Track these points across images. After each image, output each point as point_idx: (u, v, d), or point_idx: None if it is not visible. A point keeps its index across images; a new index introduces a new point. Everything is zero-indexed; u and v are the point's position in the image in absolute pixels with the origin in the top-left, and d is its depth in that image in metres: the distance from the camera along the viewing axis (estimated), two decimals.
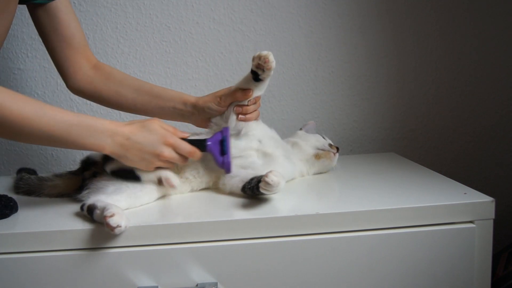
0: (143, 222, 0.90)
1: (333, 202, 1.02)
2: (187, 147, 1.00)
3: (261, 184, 0.94)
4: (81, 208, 0.94)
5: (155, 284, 0.89)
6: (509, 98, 1.53)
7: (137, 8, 1.42)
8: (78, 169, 1.09)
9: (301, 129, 1.25)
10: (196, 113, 1.12)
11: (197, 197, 1.05)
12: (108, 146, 0.94)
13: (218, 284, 0.90)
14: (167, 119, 1.14)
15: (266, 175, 0.93)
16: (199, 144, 1.02)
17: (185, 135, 1.02)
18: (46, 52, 1.39)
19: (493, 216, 0.94)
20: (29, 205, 1.02)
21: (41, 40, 1.26)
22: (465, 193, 0.98)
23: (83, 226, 0.90)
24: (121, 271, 0.89)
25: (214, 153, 1.02)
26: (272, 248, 0.90)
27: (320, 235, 0.91)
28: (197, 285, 0.90)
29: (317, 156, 1.15)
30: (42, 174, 1.14)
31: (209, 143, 1.03)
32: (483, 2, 1.48)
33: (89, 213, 0.91)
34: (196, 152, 1.01)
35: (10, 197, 0.98)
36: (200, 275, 0.90)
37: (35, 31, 1.17)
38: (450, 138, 1.53)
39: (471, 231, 0.93)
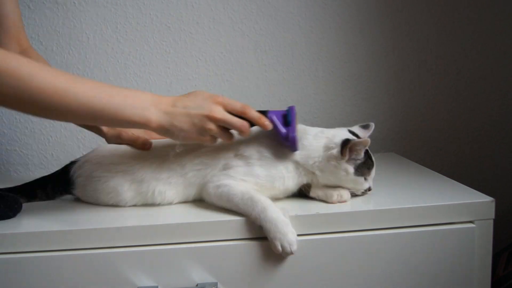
0: (144, 222, 0.90)
1: None
2: (237, 104, 0.91)
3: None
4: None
5: (155, 284, 0.89)
6: (509, 98, 1.53)
7: (137, 8, 1.42)
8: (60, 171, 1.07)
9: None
10: (112, 135, 1.07)
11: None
12: (154, 117, 0.86)
13: (218, 284, 0.90)
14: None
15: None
16: (260, 112, 0.94)
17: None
18: (46, 52, 1.40)
19: (493, 216, 0.94)
20: (30, 205, 1.02)
21: (40, 40, 1.27)
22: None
23: (83, 226, 0.90)
24: (121, 271, 0.89)
25: (276, 124, 0.94)
26: (271, 248, 0.90)
27: (320, 235, 0.91)
28: (197, 285, 0.90)
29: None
30: (41, 175, 1.14)
31: (270, 113, 0.95)
32: (482, 2, 1.48)
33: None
34: (249, 108, 0.92)
35: (16, 198, 0.98)
36: (200, 275, 0.90)
37: (36, 31, 1.17)
38: (450, 138, 1.53)
39: (471, 231, 0.93)
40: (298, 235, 0.90)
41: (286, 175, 0.96)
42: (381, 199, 0.98)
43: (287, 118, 0.95)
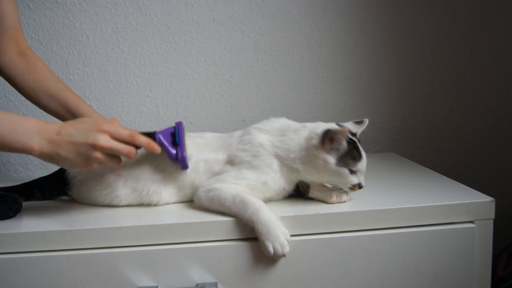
0: (143, 222, 0.90)
1: None
2: (124, 132, 0.89)
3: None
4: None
5: (155, 284, 0.89)
6: (509, 98, 1.53)
7: (137, 8, 1.42)
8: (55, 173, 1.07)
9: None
10: None
11: None
12: (36, 145, 0.84)
13: (218, 284, 0.90)
14: None
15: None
16: (147, 135, 0.93)
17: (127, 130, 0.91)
18: (46, 52, 1.40)
19: (493, 216, 0.94)
20: (30, 205, 1.02)
21: (40, 40, 1.27)
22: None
23: (83, 226, 0.90)
24: (121, 271, 0.89)
25: (165, 145, 0.94)
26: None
27: (320, 235, 0.91)
28: (197, 285, 0.90)
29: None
30: (41, 175, 1.14)
31: (158, 134, 0.94)
32: (483, 2, 1.48)
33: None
34: (136, 135, 0.90)
35: (16, 198, 0.98)
36: (200, 275, 0.90)
37: (36, 31, 1.17)
38: (450, 138, 1.53)
39: (471, 231, 0.93)
40: (298, 235, 0.90)
41: (273, 174, 0.96)
42: (381, 199, 0.98)
43: (175, 137, 0.94)
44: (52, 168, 1.45)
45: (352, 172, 0.94)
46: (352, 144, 0.95)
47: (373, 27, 1.47)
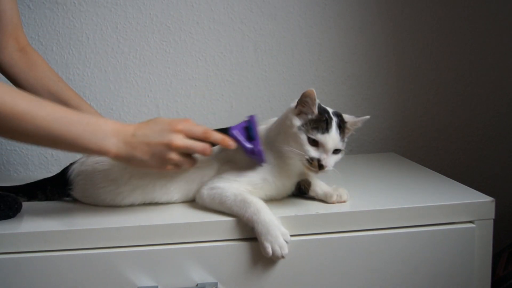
0: (143, 222, 0.90)
1: None
2: (199, 130, 0.88)
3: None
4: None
5: (155, 284, 0.89)
6: (509, 98, 1.53)
7: (137, 8, 1.42)
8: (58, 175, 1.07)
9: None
10: None
11: None
12: (113, 147, 0.84)
13: (218, 284, 0.90)
14: None
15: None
16: (220, 131, 0.92)
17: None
18: (46, 52, 1.40)
19: (493, 216, 0.94)
20: (30, 205, 1.02)
21: (40, 40, 1.26)
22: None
23: (83, 226, 0.90)
24: (121, 271, 0.89)
25: (240, 140, 0.92)
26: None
27: (320, 235, 0.91)
28: (197, 285, 0.90)
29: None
30: (41, 175, 1.14)
31: (232, 130, 0.93)
32: (483, 2, 1.48)
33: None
34: (210, 132, 0.90)
35: (16, 199, 0.98)
36: (200, 275, 0.90)
37: (36, 31, 1.17)
38: (450, 138, 1.53)
39: (471, 231, 0.93)
40: (298, 235, 0.90)
41: (270, 168, 0.95)
42: (381, 199, 0.98)
43: (250, 131, 0.93)
44: (53, 168, 1.45)
45: (313, 142, 0.91)
46: (324, 115, 0.92)
47: (373, 27, 1.47)
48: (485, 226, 0.93)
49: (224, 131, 0.93)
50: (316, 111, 0.91)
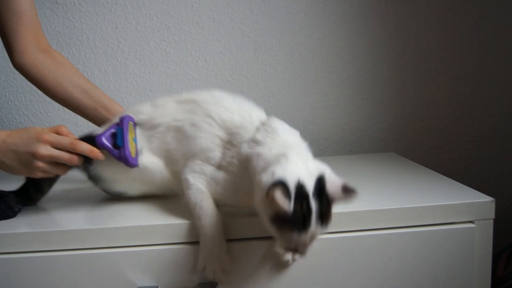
0: (143, 222, 0.90)
1: None
2: (65, 141, 0.91)
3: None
4: None
5: (155, 284, 0.89)
6: (509, 98, 1.53)
7: (137, 8, 1.42)
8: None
9: None
10: None
11: None
12: None
13: (218, 284, 0.90)
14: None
15: None
16: (88, 140, 0.93)
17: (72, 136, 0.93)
18: None
19: (493, 216, 0.94)
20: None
21: None
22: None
23: (83, 226, 0.90)
24: (121, 271, 0.89)
25: (107, 148, 0.93)
26: (271, 248, 0.90)
27: (320, 235, 0.91)
28: (197, 285, 0.90)
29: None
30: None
31: (98, 138, 0.93)
32: (483, 2, 1.48)
33: None
34: (77, 144, 0.91)
35: (16, 198, 0.97)
36: (200, 275, 0.90)
37: None
38: (450, 138, 1.53)
39: (471, 231, 0.93)
40: None
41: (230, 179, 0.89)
42: (381, 199, 0.98)
43: (117, 137, 0.94)
44: None
45: (287, 241, 0.78)
46: (301, 208, 0.76)
47: (374, 27, 1.47)
48: (485, 226, 0.93)
49: (91, 139, 0.93)
50: (289, 209, 0.74)
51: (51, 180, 1.01)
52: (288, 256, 0.89)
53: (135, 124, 0.98)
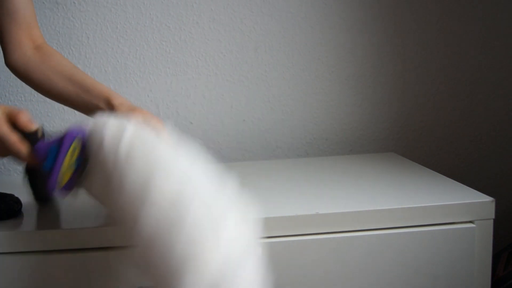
0: None
1: (333, 202, 1.02)
2: (8, 138, 0.77)
3: None
4: None
5: None
6: (509, 98, 1.53)
7: (137, 8, 1.42)
8: None
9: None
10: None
11: None
12: None
13: None
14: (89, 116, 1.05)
15: None
16: (30, 138, 0.75)
17: (29, 125, 0.78)
18: None
19: (493, 216, 0.94)
20: (29, 205, 1.02)
21: None
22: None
23: (83, 226, 0.90)
24: (121, 271, 0.88)
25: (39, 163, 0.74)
26: (271, 248, 0.90)
27: (320, 235, 0.91)
28: None
29: None
30: None
31: (40, 144, 0.74)
32: (484, 2, 1.48)
33: None
34: (14, 147, 0.77)
35: (16, 198, 0.97)
36: None
37: None
38: (450, 138, 1.53)
39: (471, 231, 0.93)
40: (298, 235, 0.90)
41: None
42: (381, 199, 0.98)
43: (49, 152, 0.74)
44: None
45: None
46: None
47: (374, 27, 1.47)
48: (485, 226, 0.93)
49: (33, 137, 0.76)
50: None
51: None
52: None
53: (85, 144, 0.74)
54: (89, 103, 1.02)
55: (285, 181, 1.15)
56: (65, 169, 0.72)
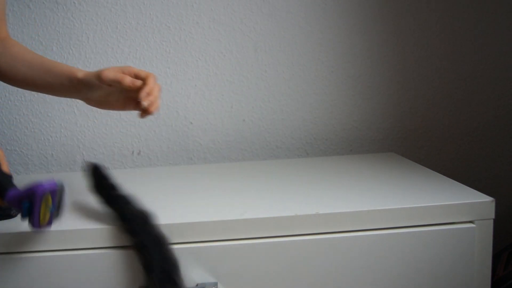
0: None
1: (333, 202, 1.02)
2: None
3: None
4: None
5: None
6: (509, 98, 1.53)
7: (137, 8, 1.42)
8: None
9: None
10: (85, 89, 1.01)
11: (196, 197, 1.05)
12: None
13: (218, 284, 0.90)
14: (60, 97, 1.08)
15: None
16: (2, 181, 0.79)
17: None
18: (46, 52, 1.40)
19: (493, 216, 0.94)
20: None
21: (40, 40, 1.26)
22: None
23: (83, 226, 0.90)
24: (121, 271, 0.89)
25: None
26: (272, 248, 0.90)
27: (320, 235, 0.91)
28: (197, 285, 0.90)
29: None
30: (41, 175, 1.14)
31: (9, 194, 0.78)
32: (483, 2, 1.48)
33: None
34: None
35: None
36: (200, 275, 0.90)
37: (36, 31, 1.17)
38: (450, 138, 1.53)
39: (471, 231, 0.93)
40: (298, 235, 0.90)
41: None
42: (381, 199, 0.98)
43: (23, 210, 0.78)
44: (52, 168, 1.45)
45: None
46: None
47: (374, 27, 1.47)
48: (485, 226, 0.93)
49: (5, 183, 0.81)
50: None
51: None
52: None
53: (55, 191, 0.81)
54: (53, 83, 1.04)
55: (285, 181, 1.15)
56: (42, 216, 0.81)
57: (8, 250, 0.88)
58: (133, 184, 1.00)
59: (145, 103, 0.95)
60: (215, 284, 0.90)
